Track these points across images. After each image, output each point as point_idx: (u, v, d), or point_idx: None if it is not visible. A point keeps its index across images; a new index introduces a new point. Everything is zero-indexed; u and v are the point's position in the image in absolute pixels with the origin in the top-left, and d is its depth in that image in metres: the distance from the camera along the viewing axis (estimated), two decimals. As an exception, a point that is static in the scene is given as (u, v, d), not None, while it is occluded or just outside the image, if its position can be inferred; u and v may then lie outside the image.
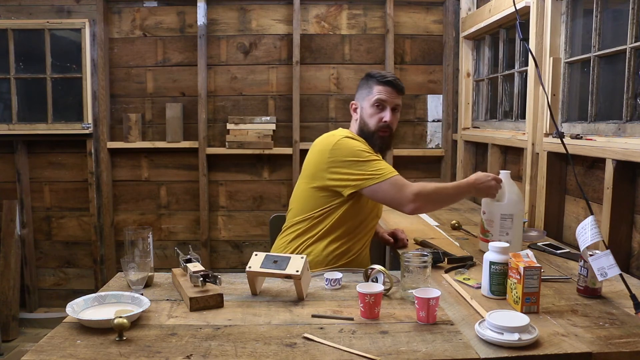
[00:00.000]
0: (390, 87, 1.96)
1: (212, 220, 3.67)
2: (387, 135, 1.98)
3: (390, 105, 1.96)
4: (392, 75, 2.00)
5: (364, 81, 2.03)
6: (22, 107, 3.54)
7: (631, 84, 1.88)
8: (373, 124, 1.96)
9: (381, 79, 1.97)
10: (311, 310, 1.39)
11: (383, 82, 1.96)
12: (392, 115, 1.96)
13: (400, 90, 1.98)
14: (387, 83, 1.96)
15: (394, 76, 2.00)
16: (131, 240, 1.59)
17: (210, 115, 3.60)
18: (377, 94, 1.95)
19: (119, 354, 1.14)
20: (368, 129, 1.97)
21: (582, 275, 1.47)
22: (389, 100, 1.95)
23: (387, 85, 1.96)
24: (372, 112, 1.96)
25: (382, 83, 1.96)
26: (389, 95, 1.96)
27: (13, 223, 3.51)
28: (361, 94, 2.02)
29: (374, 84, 1.98)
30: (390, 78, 1.97)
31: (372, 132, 1.96)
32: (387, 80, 1.96)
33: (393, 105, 1.97)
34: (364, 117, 1.99)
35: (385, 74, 2.00)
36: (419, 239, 2.09)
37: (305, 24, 3.55)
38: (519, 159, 2.70)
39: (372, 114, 1.96)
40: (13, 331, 3.42)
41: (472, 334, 1.21)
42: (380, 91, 1.96)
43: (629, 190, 1.84)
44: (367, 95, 1.99)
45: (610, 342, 1.17)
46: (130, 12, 3.54)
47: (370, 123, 1.97)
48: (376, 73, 2.01)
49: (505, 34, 3.02)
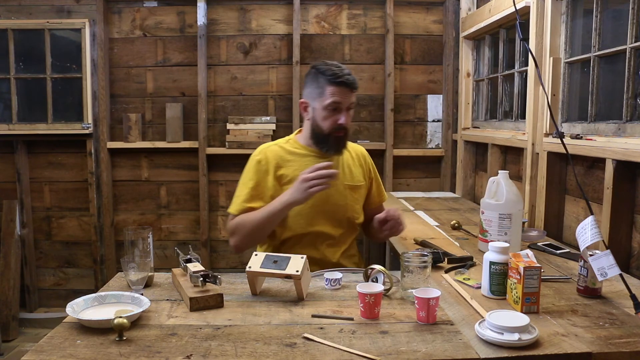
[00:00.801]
0: (343, 87, 1.80)
1: (212, 220, 3.67)
2: (342, 135, 1.86)
3: (345, 106, 1.83)
4: (343, 70, 1.82)
5: (313, 78, 1.86)
6: (22, 107, 3.54)
7: (631, 84, 1.88)
8: (327, 127, 1.83)
9: (333, 79, 1.79)
10: (311, 310, 1.39)
11: (336, 83, 1.79)
12: (348, 114, 1.85)
13: (355, 87, 1.84)
14: (341, 83, 1.79)
15: (346, 71, 1.82)
16: (131, 240, 1.58)
17: (210, 115, 3.60)
18: (331, 96, 1.80)
19: (119, 354, 1.14)
20: (321, 131, 1.85)
21: (582, 275, 1.47)
22: (344, 102, 1.82)
23: (340, 86, 1.79)
24: (326, 114, 1.82)
25: (335, 83, 1.79)
26: (344, 97, 1.81)
27: (13, 223, 3.51)
28: (311, 92, 1.86)
29: (325, 83, 1.80)
30: (343, 77, 1.80)
31: (327, 134, 1.85)
32: (340, 80, 1.79)
33: (347, 105, 1.84)
34: (316, 119, 1.85)
35: (336, 70, 1.81)
36: (419, 239, 2.09)
37: (305, 24, 3.55)
38: (519, 159, 2.70)
39: (326, 117, 1.82)
40: (13, 331, 3.42)
41: (472, 334, 1.21)
42: (334, 93, 1.80)
43: (629, 190, 1.84)
44: (318, 96, 1.83)
45: (610, 342, 1.17)
46: (130, 12, 3.54)
47: (324, 126, 1.84)
48: (326, 70, 1.81)
49: (505, 34, 3.02)
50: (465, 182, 3.45)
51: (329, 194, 1.84)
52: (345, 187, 1.92)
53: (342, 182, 1.90)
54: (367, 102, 3.63)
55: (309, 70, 1.90)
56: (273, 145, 1.95)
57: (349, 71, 1.84)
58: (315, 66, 1.87)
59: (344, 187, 1.91)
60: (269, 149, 1.93)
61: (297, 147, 1.93)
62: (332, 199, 1.88)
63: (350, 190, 1.93)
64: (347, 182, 1.93)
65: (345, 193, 1.92)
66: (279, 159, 1.90)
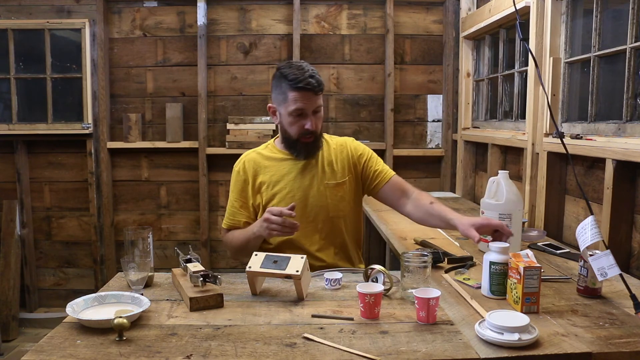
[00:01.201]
0: (306, 91, 1.73)
1: (212, 220, 3.67)
2: (311, 140, 1.81)
3: (310, 110, 1.76)
4: (305, 72, 1.73)
5: (277, 81, 1.79)
6: (22, 107, 3.54)
7: (631, 84, 1.88)
8: (295, 133, 1.79)
9: (294, 84, 1.72)
10: (311, 310, 1.39)
11: (297, 88, 1.72)
12: (315, 118, 1.78)
13: (319, 89, 1.75)
14: (302, 88, 1.72)
15: (308, 72, 1.73)
16: (131, 240, 1.59)
17: (210, 115, 3.60)
18: (294, 102, 1.74)
19: (119, 354, 1.14)
20: (290, 137, 1.82)
21: (582, 275, 1.47)
22: (308, 107, 1.75)
23: (302, 91, 1.72)
24: (292, 120, 1.77)
25: (297, 89, 1.72)
26: (307, 102, 1.74)
27: (13, 223, 3.51)
28: (276, 97, 1.80)
29: (287, 89, 1.74)
30: (304, 81, 1.71)
31: (295, 140, 1.81)
32: (301, 86, 1.71)
33: (314, 109, 1.77)
34: (283, 124, 1.82)
35: (298, 74, 1.72)
36: (419, 239, 2.09)
37: (305, 24, 3.55)
38: (519, 159, 2.70)
39: (292, 123, 1.78)
40: (13, 331, 3.43)
41: (472, 334, 1.21)
42: (297, 99, 1.73)
43: (629, 190, 1.84)
44: (282, 101, 1.77)
45: (610, 342, 1.17)
46: (130, 12, 3.54)
47: (291, 131, 1.80)
48: (288, 73, 1.73)
49: (505, 34, 3.02)
50: (465, 182, 3.45)
51: (307, 196, 1.85)
52: (325, 187, 1.87)
53: (321, 181, 1.87)
54: (367, 102, 3.63)
55: (274, 73, 1.83)
56: (251, 153, 1.95)
57: (313, 72, 1.75)
58: (280, 68, 1.79)
59: (324, 186, 1.87)
60: (246, 157, 1.94)
61: (275, 152, 1.92)
62: (311, 201, 1.86)
63: (331, 189, 1.87)
64: (327, 180, 1.87)
65: (325, 193, 1.87)
66: (256, 166, 1.90)
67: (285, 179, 1.87)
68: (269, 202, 1.87)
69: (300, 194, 1.85)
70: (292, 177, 1.87)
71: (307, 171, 1.88)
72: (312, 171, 1.88)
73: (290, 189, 1.86)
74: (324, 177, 1.88)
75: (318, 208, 1.87)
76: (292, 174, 1.87)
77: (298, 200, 1.83)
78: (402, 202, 1.90)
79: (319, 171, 1.88)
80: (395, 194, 1.91)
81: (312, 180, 1.87)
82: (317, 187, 1.87)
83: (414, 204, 1.88)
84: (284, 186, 1.86)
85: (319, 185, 1.87)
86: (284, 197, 1.85)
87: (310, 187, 1.87)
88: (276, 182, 1.87)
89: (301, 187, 1.86)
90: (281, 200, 1.85)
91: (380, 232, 2.48)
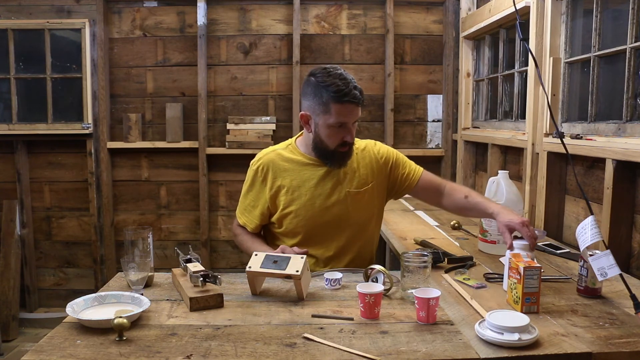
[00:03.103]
0: (350, 104, 1.67)
1: (212, 220, 3.67)
2: (347, 150, 1.77)
3: (352, 122, 1.72)
4: (349, 84, 1.66)
5: (315, 90, 1.70)
6: (22, 107, 3.54)
7: (631, 84, 1.88)
8: (333, 144, 1.73)
9: (339, 98, 1.65)
10: (311, 310, 1.39)
11: (343, 102, 1.65)
12: (353, 128, 1.74)
13: (362, 102, 1.71)
14: (348, 101, 1.66)
15: (352, 84, 1.67)
16: (131, 240, 1.59)
17: (210, 115, 3.60)
18: (337, 116, 1.67)
19: (119, 354, 1.14)
20: (326, 147, 1.75)
21: (582, 275, 1.47)
22: (351, 120, 1.70)
23: (347, 104, 1.66)
24: (332, 132, 1.71)
25: (342, 102, 1.65)
26: (351, 115, 1.69)
27: (13, 223, 3.51)
28: (313, 107, 1.72)
29: (330, 100, 1.66)
30: (350, 94, 1.65)
31: (332, 150, 1.75)
32: (347, 99, 1.65)
33: (355, 120, 1.73)
34: (320, 135, 1.74)
35: (342, 86, 1.65)
36: (419, 239, 2.09)
37: (305, 24, 3.55)
38: (519, 159, 2.70)
39: (332, 135, 1.72)
40: (13, 331, 3.43)
41: (472, 334, 1.21)
42: (340, 112, 1.67)
43: (629, 190, 1.84)
44: (322, 112, 1.69)
45: (610, 342, 1.17)
46: (130, 12, 3.54)
47: (329, 142, 1.74)
48: (330, 84, 1.65)
49: (505, 34, 3.02)
50: (465, 182, 3.45)
51: (327, 204, 1.80)
52: (347, 195, 1.81)
53: (344, 189, 1.81)
54: (367, 102, 3.63)
55: (308, 79, 1.74)
56: (271, 153, 1.86)
57: (354, 82, 1.69)
58: (316, 75, 1.71)
59: (346, 194, 1.81)
60: (266, 156, 1.85)
61: (297, 155, 1.84)
62: (331, 210, 1.80)
63: (352, 197, 1.81)
64: (349, 188, 1.82)
65: (347, 201, 1.81)
66: (276, 167, 1.82)
67: (306, 185, 1.80)
68: (286, 207, 1.80)
69: (320, 201, 1.79)
70: (314, 184, 1.80)
71: (329, 178, 1.80)
72: (334, 178, 1.81)
73: (311, 196, 1.79)
74: (347, 185, 1.81)
75: (338, 217, 1.81)
76: (314, 180, 1.80)
77: (318, 208, 1.79)
78: (436, 199, 1.90)
79: (342, 178, 1.81)
80: (427, 192, 1.89)
81: (335, 188, 1.80)
82: (338, 195, 1.80)
83: (449, 200, 1.86)
84: (304, 192, 1.79)
85: (340, 192, 1.80)
86: (304, 204, 1.79)
87: (331, 194, 1.80)
88: (296, 187, 1.80)
89: (322, 194, 1.79)
90: (300, 207, 1.79)
91: (381, 232, 2.47)
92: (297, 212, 1.79)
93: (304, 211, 1.79)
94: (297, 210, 1.79)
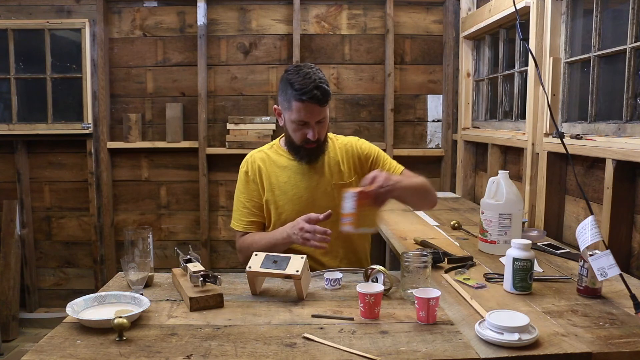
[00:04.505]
0: (310, 103, 1.69)
1: (212, 220, 3.67)
2: (314, 147, 1.80)
3: (314, 121, 1.74)
4: (311, 83, 1.67)
5: (283, 86, 1.75)
6: (22, 107, 3.54)
7: (631, 84, 1.88)
8: (297, 139, 1.79)
9: (299, 96, 1.68)
10: (311, 310, 1.39)
11: (302, 100, 1.68)
12: (319, 127, 1.76)
13: (324, 101, 1.71)
14: (307, 100, 1.68)
15: (314, 83, 1.67)
16: (131, 240, 1.59)
17: (210, 115, 3.60)
18: (297, 113, 1.71)
19: (119, 354, 1.14)
20: (293, 142, 1.82)
21: (582, 275, 1.47)
22: (311, 118, 1.73)
23: (306, 102, 1.68)
24: (295, 128, 1.76)
25: (301, 100, 1.68)
26: (310, 114, 1.71)
27: (13, 223, 3.51)
28: (282, 102, 1.78)
29: (292, 98, 1.70)
30: (309, 93, 1.66)
31: (298, 146, 1.81)
32: (305, 98, 1.67)
33: (318, 120, 1.74)
34: (287, 129, 1.81)
35: (303, 84, 1.67)
36: (419, 239, 2.09)
37: (305, 24, 3.55)
38: (519, 159, 2.70)
39: (295, 130, 1.77)
40: (13, 331, 3.43)
41: (472, 334, 1.21)
42: (300, 110, 1.70)
43: (629, 190, 1.84)
44: (287, 108, 1.75)
45: (610, 342, 1.17)
46: (130, 12, 3.54)
47: (294, 137, 1.79)
48: (295, 82, 1.69)
49: (505, 34, 3.02)
50: (465, 182, 3.45)
51: (314, 197, 1.84)
52: (332, 188, 1.85)
53: (329, 182, 1.86)
54: (367, 102, 3.63)
55: (282, 74, 1.78)
56: (257, 153, 1.93)
57: (320, 82, 1.69)
58: (287, 72, 1.75)
59: (331, 187, 1.86)
60: (252, 157, 1.92)
61: (281, 152, 1.91)
62: (318, 202, 1.84)
63: (338, 190, 1.83)
64: (334, 181, 1.86)
65: (332, 194, 1.85)
66: (264, 167, 1.88)
67: (292, 180, 1.86)
68: (276, 203, 1.86)
69: (307, 194, 1.85)
70: (299, 178, 1.86)
71: (313, 172, 1.87)
72: (318, 172, 1.87)
73: (297, 190, 1.85)
74: (331, 178, 1.87)
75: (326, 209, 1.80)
76: (299, 175, 1.86)
77: (305, 202, 1.83)
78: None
79: (326, 172, 1.87)
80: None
81: (319, 181, 1.86)
82: (324, 188, 1.86)
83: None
84: (290, 187, 1.85)
85: (325, 186, 1.86)
86: (291, 198, 1.85)
87: (317, 188, 1.86)
88: (283, 182, 1.86)
89: (308, 188, 1.85)
90: (288, 201, 1.84)
91: (380, 232, 2.47)
92: (285, 206, 1.84)
93: (291, 204, 1.83)
94: (286, 204, 1.84)
